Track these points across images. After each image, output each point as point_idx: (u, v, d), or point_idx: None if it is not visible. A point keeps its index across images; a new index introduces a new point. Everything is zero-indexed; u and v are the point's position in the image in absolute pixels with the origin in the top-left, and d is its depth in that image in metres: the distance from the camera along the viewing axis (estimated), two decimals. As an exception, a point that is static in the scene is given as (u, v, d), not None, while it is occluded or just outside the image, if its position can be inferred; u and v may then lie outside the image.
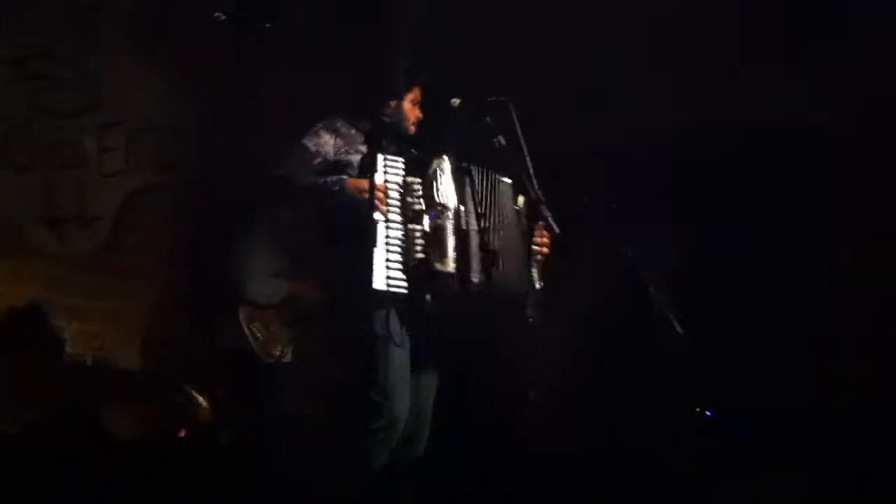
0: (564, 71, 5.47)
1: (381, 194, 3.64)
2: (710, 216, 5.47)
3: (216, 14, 3.42)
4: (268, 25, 3.43)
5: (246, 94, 5.48)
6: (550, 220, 3.62)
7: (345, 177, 3.76)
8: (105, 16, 5.26)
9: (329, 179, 3.75)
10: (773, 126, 5.45)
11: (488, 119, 3.72)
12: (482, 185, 3.81)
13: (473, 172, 3.81)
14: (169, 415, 4.61)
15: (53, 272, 5.17)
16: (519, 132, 3.65)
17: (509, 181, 3.90)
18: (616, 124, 5.56)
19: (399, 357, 3.69)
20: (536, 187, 3.67)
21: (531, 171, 3.66)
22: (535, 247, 3.90)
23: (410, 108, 3.95)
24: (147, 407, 4.55)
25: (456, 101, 3.78)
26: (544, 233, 3.90)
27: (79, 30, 5.20)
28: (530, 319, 3.66)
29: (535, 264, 3.89)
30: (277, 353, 4.96)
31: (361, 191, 3.67)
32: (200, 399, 4.70)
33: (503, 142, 3.70)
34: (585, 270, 5.07)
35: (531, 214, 3.92)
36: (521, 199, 3.93)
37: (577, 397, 5.34)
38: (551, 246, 3.90)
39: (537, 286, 3.87)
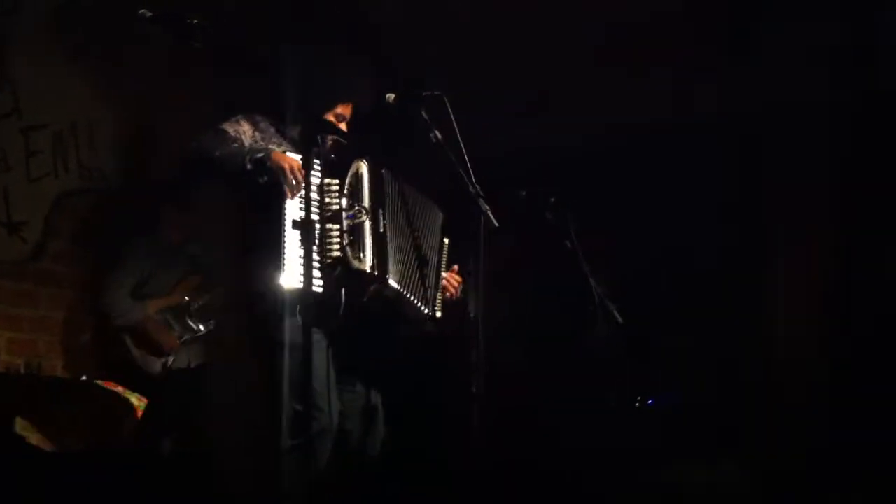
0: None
1: (299, 175, 3.55)
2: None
3: (141, 11, 3.32)
4: (194, 22, 3.33)
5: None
6: (489, 213, 3.57)
7: (272, 146, 3.70)
8: (25, 19, 5.13)
9: (254, 145, 3.69)
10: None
11: (423, 113, 3.67)
12: (411, 198, 3.83)
13: (400, 180, 3.80)
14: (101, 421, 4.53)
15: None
16: (455, 126, 3.60)
17: (441, 214, 3.96)
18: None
19: (318, 362, 3.59)
20: (474, 181, 3.63)
21: (468, 164, 3.61)
22: (444, 282, 3.94)
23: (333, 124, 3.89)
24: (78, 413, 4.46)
25: (390, 97, 3.73)
26: (456, 276, 3.96)
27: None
28: (472, 315, 3.60)
29: (440, 291, 3.92)
30: (160, 365, 4.92)
31: (286, 160, 3.58)
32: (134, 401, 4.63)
33: (439, 136, 3.65)
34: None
35: (451, 254, 3.97)
36: (446, 240, 3.98)
37: (518, 389, 5.36)
38: (457, 289, 3.96)
39: (437, 311, 3.89)
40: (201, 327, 5.11)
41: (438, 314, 3.91)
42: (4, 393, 4.36)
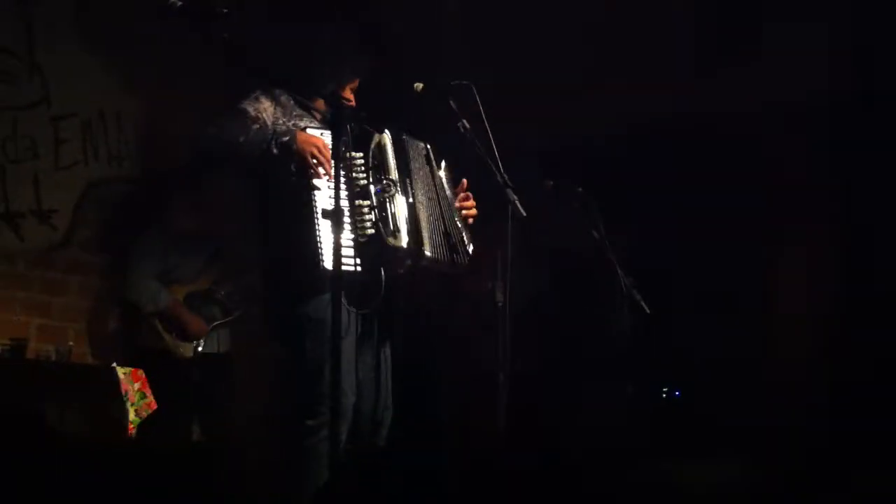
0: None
1: (327, 154, 3.50)
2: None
3: (171, 1, 3.33)
4: (225, 11, 3.33)
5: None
6: (517, 203, 3.56)
7: (295, 121, 3.64)
8: (52, 8, 5.17)
9: (278, 128, 3.60)
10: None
11: (451, 103, 3.66)
12: (411, 152, 3.73)
13: (407, 143, 3.73)
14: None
15: (13, 268, 5.09)
16: (483, 115, 3.60)
17: (426, 145, 3.84)
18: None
19: (347, 343, 3.51)
20: (502, 170, 3.63)
21: (496, 153, 3.61)
22: (464, 211, 3.85)
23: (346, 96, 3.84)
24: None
25: (419, 86, 3.72)
26: (468, 195, 3.86)
27: (26, 23, 5.09)
28: (499, 304, 3.60)
29: (465, 229, 3.83)
30: (191, 350, 4.94)
31: (311, 143, 3.52)
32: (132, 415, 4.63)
33: (467, 125, 3.64)
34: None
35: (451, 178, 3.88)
36: (443, 164, 3.87)
37: (546, 377, 5.37)
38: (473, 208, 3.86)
39: (469, 250, 3.80)
40: (229, 313, 5.14)
41: (470, 249, 3.81)
42: (35, 379, 4.40)
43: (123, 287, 5.10)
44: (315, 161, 3.52)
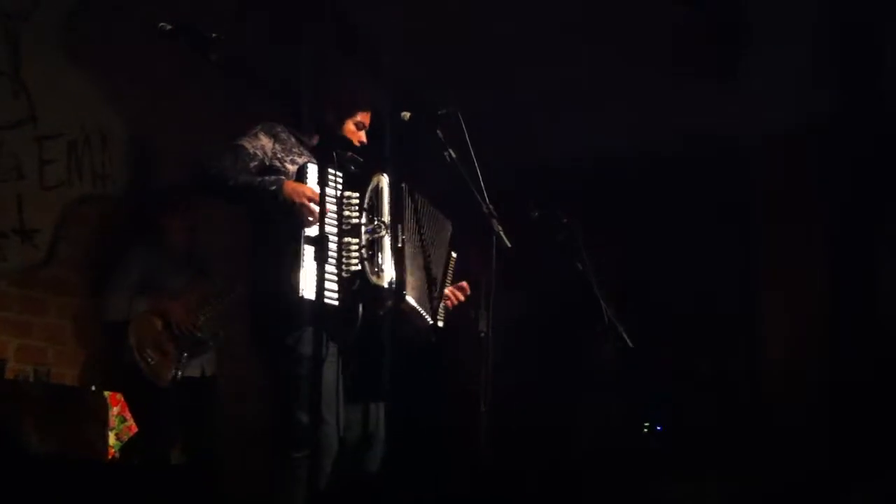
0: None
1: (315, 204, 3.52)
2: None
3: (161, 24, 3.34)
4: (214, 36, 3.34)
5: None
6: (502, 233, 3.58)
7: (282, 177, 3.65)
8: (39, 26, 5.15)
9: (267, 178, 3.63)
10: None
11: (438, 132, 3.68)
12: (425, 212, 3.81)
13: (415, 195, 3.80)
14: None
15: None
16: (469, 145, 3.61)
17: (449, 227, 3.95)
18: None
19: (329, 375, 3.53)
20: (487, 200, 3.64)
21: (482, 183, 3.63)
22: (450, 291, 3.93)
23: (353, 132, 3.90)
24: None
25: (406, 115, 3.74)
26: (458, 292, 3.94)
27: (12, 41, 5.08)
28: (482, 334, 3.61)
29: (443, 305, 3.90)
30: (170, 376, 4.91)
31: (299, 193, 3.56)
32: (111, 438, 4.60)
33: (453, 155, 3.66)
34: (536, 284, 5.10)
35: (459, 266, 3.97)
36: (453, 255, 3.98)
37: (528, 406, 5.37)
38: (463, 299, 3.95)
39: (440, 325, 3.88)
40: (210, 342, 5.11)
41: (441, 324, 3.90)
42: (13, 399, 4.36)
43: (101, 304, 5.07)
44: (301, 213, 3.55)
